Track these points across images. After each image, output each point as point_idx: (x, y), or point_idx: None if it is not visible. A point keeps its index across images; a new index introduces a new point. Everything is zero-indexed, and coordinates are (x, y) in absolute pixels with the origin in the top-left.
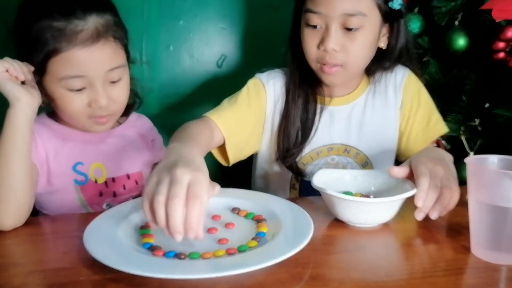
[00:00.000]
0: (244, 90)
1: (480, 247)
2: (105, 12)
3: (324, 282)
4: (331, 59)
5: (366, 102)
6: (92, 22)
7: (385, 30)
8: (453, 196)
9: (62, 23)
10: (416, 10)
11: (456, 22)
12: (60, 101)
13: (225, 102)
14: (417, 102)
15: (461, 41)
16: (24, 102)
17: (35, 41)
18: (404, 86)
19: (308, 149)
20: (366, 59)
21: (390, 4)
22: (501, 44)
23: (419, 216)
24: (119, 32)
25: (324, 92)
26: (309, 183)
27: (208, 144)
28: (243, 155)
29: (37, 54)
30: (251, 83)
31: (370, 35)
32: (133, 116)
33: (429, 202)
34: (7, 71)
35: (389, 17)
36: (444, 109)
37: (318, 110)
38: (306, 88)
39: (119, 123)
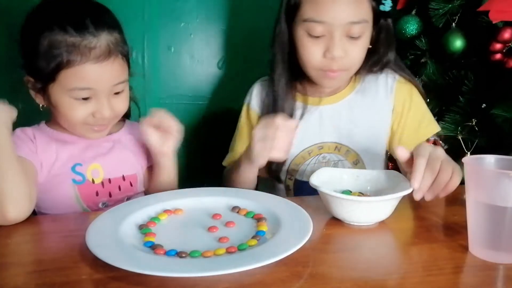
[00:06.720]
0: (241, 119)
1: (478, 246)
2: (114, 30)
3: (324, 281)
4: (337, 66)
5: (355, 100)
6: (104, 39)
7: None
8: (453, 178)
9: (76, 39)
10: (413, 12)
11: (453, 24)
12: (64, 108)
13: (232, 142)
14: (408, 103)
15: (458, 43)
16: None
17: (47, 52)
18: (396, 88)
19: (299, 149)
20: (362, 61)
21: (381, 7)
22: (498, 46)
23: (417, 195)
24: (125, 49)
25: (308, 92)
26: (302, 182)
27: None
28: None
29: (47, 64)
30: (243, 110)
31: (368, 38)
32: (130, 123)
33: (426, 182)
34: None
35: (379, 18)
36: (442, 109)
37: (307, 112)
38: (293, 93)
39: (116, 129)
